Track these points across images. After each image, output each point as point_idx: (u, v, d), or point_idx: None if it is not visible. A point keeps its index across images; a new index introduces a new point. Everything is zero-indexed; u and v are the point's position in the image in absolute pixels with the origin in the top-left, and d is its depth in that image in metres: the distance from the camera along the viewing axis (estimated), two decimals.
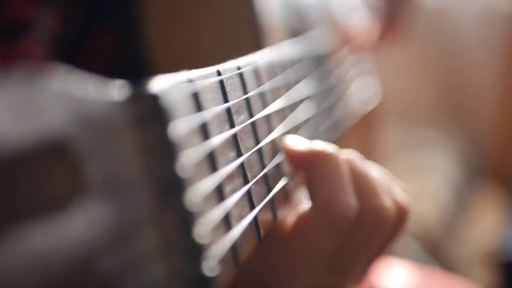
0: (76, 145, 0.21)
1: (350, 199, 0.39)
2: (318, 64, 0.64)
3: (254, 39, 0.56)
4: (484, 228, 1.59)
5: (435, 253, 1.35)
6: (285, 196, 0.41)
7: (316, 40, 0.66)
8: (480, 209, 1.68)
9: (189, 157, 0.26)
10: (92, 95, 0.23)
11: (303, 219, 0.39)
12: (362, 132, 0.87)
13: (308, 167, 0.39)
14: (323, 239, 0.39)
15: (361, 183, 0.40)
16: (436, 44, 1.81)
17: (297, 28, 0.67)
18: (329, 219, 0.38)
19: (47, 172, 0.20)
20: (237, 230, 0.30)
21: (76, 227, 0.21)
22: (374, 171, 0.42)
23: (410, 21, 0.97)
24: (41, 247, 0.19)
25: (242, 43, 0.56)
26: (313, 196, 0.39)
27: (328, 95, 0.65)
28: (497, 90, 1.85)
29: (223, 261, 0.27)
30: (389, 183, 0.43)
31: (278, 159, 0.40)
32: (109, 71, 0.55)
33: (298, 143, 0.41)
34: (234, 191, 0.31)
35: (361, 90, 0.80)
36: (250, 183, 0.34)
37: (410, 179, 1.53)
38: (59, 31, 0.54)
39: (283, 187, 0.40)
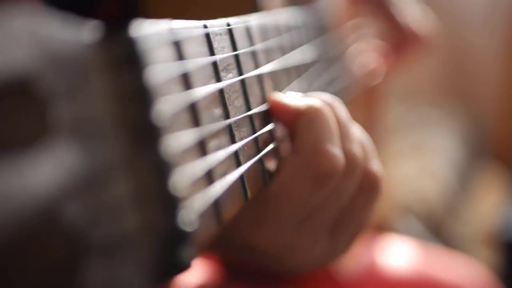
0: (42, 84, 0.20)
1: (339, 151, 0.36)
2: (319, 34, 0.63)
3: (252, 5, 0.55)
4: (486, 207, 1.58)
5: (437, 232, 1.34)
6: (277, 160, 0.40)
7: (318, 11, 0.65)
8: (482, 188, 1.66)
9: (167, 105, 0.25)
10: (64, 34, 0.21)
11: (287, 170, 0.36)
12: (364, 111, 0.86)
13: (296, 120, 0.37)
14: (308, 192, 0.36)
15: (350, 143, 0.38)
16: (440, 23, 1.79)
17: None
18: (316, 169, 0.35)
19: (9, 110, 0.19)
20: (220, 186, 0.28)
21: (41, 169, 0.19)
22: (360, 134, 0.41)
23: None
24: (2, 188, 0.18)
25: (241, 9, 0.55)
26: (299, 146, 0.36)
27: (328, 65, 0.63)
28: (500, 70, 1.84)
29: (202, 216, 0.26)
30: (369, 150, 0.41)
31: (271, 124, 0.39)
32: None
33: (286, 96, 0.39)
34: (219, 148, 0.30)
35: (363, 65, 0.79)
36: (238, 143, 0.33)
37: (413, 158, 1.52)
38: None
39: (275, 151, 0.39)
